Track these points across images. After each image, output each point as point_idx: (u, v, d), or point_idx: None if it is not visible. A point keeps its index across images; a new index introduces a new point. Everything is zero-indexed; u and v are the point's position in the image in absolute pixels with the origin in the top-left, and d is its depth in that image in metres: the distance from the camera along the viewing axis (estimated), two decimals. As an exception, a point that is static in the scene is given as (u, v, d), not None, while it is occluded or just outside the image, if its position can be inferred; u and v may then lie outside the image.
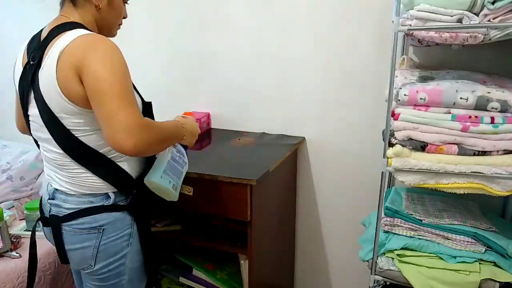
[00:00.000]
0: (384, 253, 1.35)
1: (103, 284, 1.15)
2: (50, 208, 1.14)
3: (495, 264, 1.24)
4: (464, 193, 1.21)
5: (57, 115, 1.01)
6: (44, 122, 1.05)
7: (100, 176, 1.08)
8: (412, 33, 1.19)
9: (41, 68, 1.00)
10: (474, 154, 1.18)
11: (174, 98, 2.02)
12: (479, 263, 1.24)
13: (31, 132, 1.15)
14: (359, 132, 1.77)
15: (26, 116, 1.12)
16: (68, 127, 1.02)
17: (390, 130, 1.25)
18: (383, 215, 1.37)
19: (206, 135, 1.90)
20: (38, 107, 1.04)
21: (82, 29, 1.01)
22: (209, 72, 1.97)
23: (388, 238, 1.35)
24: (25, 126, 1.17)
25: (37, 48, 1.02)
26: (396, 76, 1.29)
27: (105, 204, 1.09)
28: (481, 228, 1.29)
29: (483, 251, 1.25)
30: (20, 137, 2.50)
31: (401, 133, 1.22)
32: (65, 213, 1.10)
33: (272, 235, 1.69)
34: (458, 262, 1.25)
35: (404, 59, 1.51)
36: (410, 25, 1.17)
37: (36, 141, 1.18)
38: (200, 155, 1.64)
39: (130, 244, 1.13)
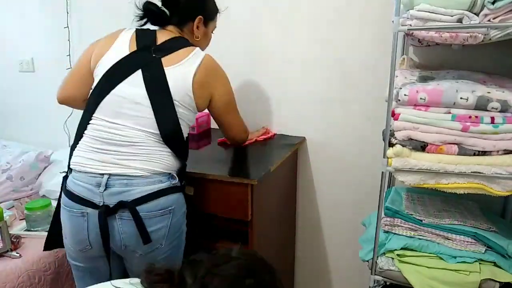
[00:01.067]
0: (384, 253, 1.35)
1: (167, 261, 1.25)
2: (103, 198, 1.16)
3: (495, 264, 1.24)
4: (464, 193, 1.21)
5: (174, 102, 1.22)
6: (154, 103, 1.20)
7: (176, 156, 1.26)
8: (412, 33, 1.18)
9: (175, 65, 1.23)
10: (474, 154, 1.18)
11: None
12: (479, 263, 1.24)
13: (107, 106, 1.21)
14: (359, 132, 1.77)
15: (106, 92, 1.21)
16: (178, 115, 1.23)
17: (390, 130, 1.25)
18: (383, 215, 1.37)
19: (206, 135, 1.90)
20: (148, 89, 1.20)
21: (199, 48, 1.30)
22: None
23: (388, 238, 1.35)
24: (79, 98, 1.32)
25: (158, 48, 1.25)
26: (396, 76, 1.29)
27: (172, 184, 1.23)
28: (481, 228, 1.29)
29: (483, 251, 1.25)
30: (20, 137, 2.52)
31: (401, 133, 1.22)
32: (137, 197, 1.17)
33: (273, 235, 1.69)
34: (458, 262, 1.25)
35: (404, 59, 1.51)
36: (410, 25, 1.16)
37: (88, 118, 1.23)
38: (200, 155, 1.64)
39: (184, 221, 1.29)
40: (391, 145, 1.26)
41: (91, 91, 1.27)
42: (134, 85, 1.21)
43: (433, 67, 1.49)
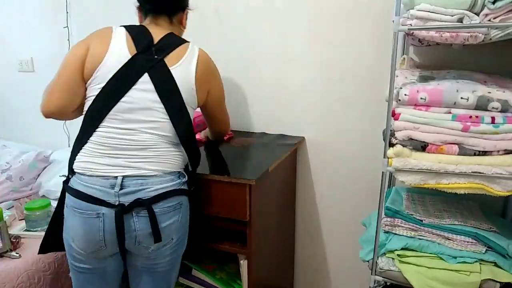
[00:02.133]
0: (384, 253, 1.35)
1: (174, 256, 1.30)
2: (118, 198, 1.17)
3: (496, 264, 1.24)
4: (465, 193, 1.21)
5: (185, 102, 1.25)
6: (167, 106, 1.22)
7: (190, 158, 1.31)
8: (413, 32, 1.18)
9: (176, 65, 1.25)
10: (475, 154, 1.18)
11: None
12: (480, 264, 1.24)
13: (116, 114, 1.19)
14: (359, 132, 1.77)
15: (115, 100, 1.20)
16: (190, 114, 1.28)
17: (391, 130, 1.25)
18: (383, 215, 1.37)
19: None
20: (159, 93, 1.21)
21: (191, 43, 1.32)
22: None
23: (389, 238, 1.35)
24: (70, 109, 1.26)
25: (158, 48, 1.25)
26: (397, 76, 1.29)
27: (183, 182, 1.28)
28: (481, 228, 1.29)
29: (483, 252, 1.25)
30: (20, 137, 2.52)
31: (402, 133, 1.22)
32: (153, 195, 1.19)
33: (272, 235, 1.68)
34: (458, 263, 1.25)
35: (404, 58, 1.51)
36: (411, 25, 1.16)
37: (93, 126, 1.21)
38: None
39: (188, 219, 1.32)
40: (391, 145, 1.26)
41: (93, 98, 1.21)
42: (144, 90, 1.21)
43: (434, 67, 1.49)
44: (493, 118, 1.14)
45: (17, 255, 1.60)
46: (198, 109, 1.41)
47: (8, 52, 2.50)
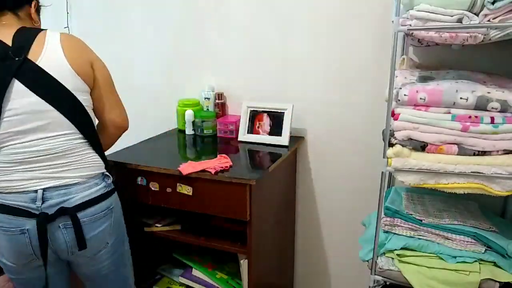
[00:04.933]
0: (384, 253, 1.35)
1: (116, 257, 1.29)
2: (41, 211, 1.12)
3: (495, 264, 1.24)
4: (464, 193, 1.21)
5: (72, 92, 1.14)
6: (54, 103, 1.12)
7: (99, 153, 1.23)
8: (412, 33, 1.18)
9: (39, 59, 1.11)
10: (474, 154, 1.18)
11: (173, 97, 2.02)
12: (479, 263, 1.24)
13: (7, 131, 1.10)
14: (359, 132, 1.77)
15: None
16: (82, 103, 1.18)
17: (390, 130, 1.25)
18: (383, 215, 1.37)
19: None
20: (38, 93, 1.10)
21: (48, 29, 1.19)
22: (209, 72, 1.97)
23: (388, 238, 1.35)
24: None
25: (16, 49, 1.11)
26: (396, 76, 1.29)
27: (107, 184, 1.24)
28: (481, 228, 1.29)
29: (483, 251, 1.25)
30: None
31: (401, 133, 1.22)
32: (77, 203, 1.15)
33: (272, 235, 1.69)
34: (458, 262, 1.25)
35: (404, 59, 1.51)
36: (410, 25, 1.16)
37: None
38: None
39: (122, 214, 1.31)
40: (391, 145, 1.26)
41: None
42: (21, 97, 1.09)
43: (433, 67, 1.49)
44: (492, 118, 1.14)
45: None
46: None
47: (8, 52, 2.50)
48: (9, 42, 1.12)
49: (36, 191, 1.12)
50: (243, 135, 1.79)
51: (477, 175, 1.17)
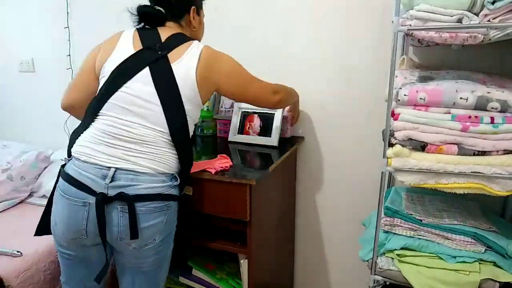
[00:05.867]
0: (384, 253, 1.35)
1: (159, 257, 1.29)
2: (107, 190, 1.17)
3: (495, 264, 1.24)
4: (464, 193, 1.21)
5: (183, 98, 1.24)
6: (163, 100, 1.23)
7: (180, 158, 1.27)
8: (412, 33, 1.18)
9: (177, 61, 1.25)
10: (474, 154, 1.18)
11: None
12: (479, 263, 1.24)
13: (116, 103, 1.22)
14: (359, 132, 1.77)
15: (115, 89, 1.23)
16: (186, 112, 1.26)
17: (390, 130, 1.25)
18: (383, 215, 1.37)
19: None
20: (156, 86, 1.23)
21: (197, 41, 1.33)
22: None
23: (388, 238, 1.35)
24: (85, 103, 1.30)
25: (163, 45, 1.27)
26: (396, 76, 1.29)
27: (174, 184, 1.27)
28: (481, 228, 1.29)
29: (483, 251, 1.25)
30: (20, 137, 2.52)
31: (401, 133, 1.22)
32: (141, 193, 1.18)
33: (272, 235, 1.69)
34: (458, 262, 1.25)
35: (404, 59, 1.51)
36: (410, 25, 1.17)
37: (94, 113, 1.24)
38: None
39: (176, 221, 1.32)
40: (391, 145, 1.26)
41: (99, 89, 1.28)
42: (143, 83, 1.23)
43: (433, 67, 1.49)
44: (492, 118, 1.14)
45: (19, 253, 1.60)
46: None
47: (8, 53, 2.50)
48: (163, 39, 1.28)
49: (109, 168, 1.18)
50: (234, 136, 1.79)
51: (477, 175, 1.17)
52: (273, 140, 1.72)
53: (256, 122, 1.78)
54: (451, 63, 1.52)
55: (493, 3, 1.05)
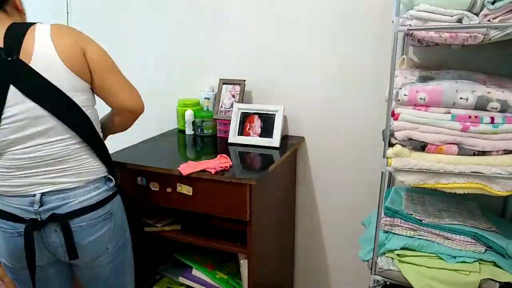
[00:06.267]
0: (384, 253, 1.35)
1: (117, 262, 1.26)
2: (39, 215, 1.12)
3: (495, 264, 1.24)
4: (464, 193, 1.21)
5: (68, 94, 1.09)
6: (50, 108, 1.08)
7: (100, 156, 1.19)
8: (412, 33, 1.18)
9: (34, 57, 1.06)
10: (474, 154, 1.18)
11: (172, 96, 2.02)
12: (479, 263, 1.24)
13: (6, 136, 1.08)
14: (359, 132, 1.77)
15: None
16: (79, 104, 1.12)
17: (390, 130, 1.25)
18: (383, 215, 1.37)
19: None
20: (34, 98, 1.07)
21: (38, 23, 1.12)
22: (209, 71, 1.97)
23: (388, 238, 1.35)
24: None
25: (7, 49, 1.05)
26: (396, 76, 1.29)
27: (109, 186, 1.21)
28: (481, 228, 1.29)
29: (483, 251, 1.25)
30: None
31: (401, 133, 1.22)
32: (75, 209, 1.13)
33: (272, 234, 1.69)
34: (458, 262, 1.25)
35: (404, 59, 1.51)
36: (410, 25, 1.16)
37: None
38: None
39: (126, 219, 1.28)
40: (391, 145, 1.26)
41: None
42: (19, 103, 1.06)
43: (433, 67, 1.49)
44: (492, 118, 1.14)
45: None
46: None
47: (8, 52, 2.50)
48: (0, 42, 1.06)
49: (34, 195, 1.12)
50: (234, 137, 1.78)
51: (477, 175, 1.17)
52: (275, 141, 1.72)
53: (257, 122, 1.78)
54: (451, 63, 1.52)
55: (493, 3, 1.05)
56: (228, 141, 1.78)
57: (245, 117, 1.80)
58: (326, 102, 1.80)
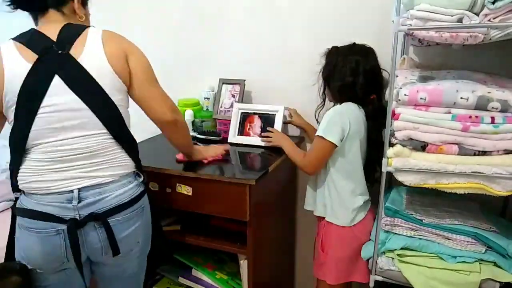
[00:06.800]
0: (384, 253, 1.35)
1: (142, 257, 1.30)
2: (78, 211, 1.12)
3: (496, 264, 1.24)
4: (465, 193, 1.21)
5: (107, 91, 1.14)
6: (89, 102, 1.12)
7: (129, 152, 1.21)
8: (412, 33, 1.18)
9: (83, 54, 1.12)
10: (475, 154, 1.18)
11: (173, 96, 2.01)
12: (480, 263, 1.24)
13: (42, 127, 1.10)
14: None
15: (34, 110, 1.09)
16: (116, 103, 1.16)
17: (391, 130, 1.25)
18: (383, 215, 1.37)
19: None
20: (76, 91, 1.11)
21: (91, 27, 1.20)
22: (208, 71, 1.97)
23: (389, 238, 1.35)
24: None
25: (60, 43, 1.12)
26: (397, 76, 1.29)
27: (139, 182, 1.24)
28: (481, 228, 1.29)
29: (483, 251, 1.25)
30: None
31: (402, 133, 1.22)
32: (113, 205, 1.15)
33: (272, 235, 1.69)
34: (458, 262, 1.25)
35: (404, 59, 1.51)
36: (410, 25, 1.16)
37: (22, 147, 1.11)
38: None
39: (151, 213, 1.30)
40: (391, 145, 1.26)
41: (13, 122, 1.13)
42: (60, 94, 1.10)
43: (433, 67, 1.49)
44: (492, 118, 1.14)
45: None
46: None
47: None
48: (54, 37, 1.12)
49: (72, 191, 1.12)
50: (234, 137, 1.78)
51: (478, 175, 1.17)
52: (274, 141, 1.71)
53: (257, 123, 1.78)
54: (452, 63, 1.52)
55: (493, 2, 1.05)
56: (228, 141, 1.78)
57: (245, 117, 1.80)
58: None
